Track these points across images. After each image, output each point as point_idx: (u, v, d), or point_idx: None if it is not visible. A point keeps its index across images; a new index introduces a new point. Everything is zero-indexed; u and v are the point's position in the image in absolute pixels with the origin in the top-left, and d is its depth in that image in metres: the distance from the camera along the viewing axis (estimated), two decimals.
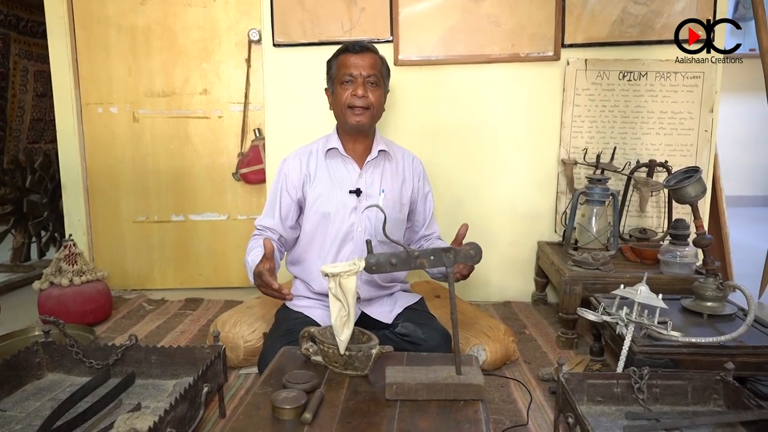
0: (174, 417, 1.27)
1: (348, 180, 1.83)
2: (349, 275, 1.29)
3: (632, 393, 1.44)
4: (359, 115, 1.76)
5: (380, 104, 1.81)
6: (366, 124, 1.79)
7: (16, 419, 1.45)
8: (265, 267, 1.54)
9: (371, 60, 1.77)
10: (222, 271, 3.13)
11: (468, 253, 1.32)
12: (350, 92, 1.75)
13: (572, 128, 2.68)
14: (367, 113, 1.76)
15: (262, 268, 1.54)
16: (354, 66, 1.75)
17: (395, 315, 1.86)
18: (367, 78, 1.75)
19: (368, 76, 1.75)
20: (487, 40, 2.63)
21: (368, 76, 1.75)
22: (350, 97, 1.75)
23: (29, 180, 3.45)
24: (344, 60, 1.77)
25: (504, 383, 1.93)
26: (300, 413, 1.15)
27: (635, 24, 2.57)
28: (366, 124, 1.79)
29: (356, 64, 1.75)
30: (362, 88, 1.74)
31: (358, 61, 1.75)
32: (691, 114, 2.62)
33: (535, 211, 2.78)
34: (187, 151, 3.03)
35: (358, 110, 1.75)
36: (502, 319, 2.54)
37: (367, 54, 1.77)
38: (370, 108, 1.76)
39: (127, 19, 2.92)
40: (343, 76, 1.76)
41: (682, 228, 2.12)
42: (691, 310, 1.82)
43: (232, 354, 2.01)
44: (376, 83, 1.77)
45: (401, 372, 1.29)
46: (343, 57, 1.79)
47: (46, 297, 2.46)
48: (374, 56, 1.79)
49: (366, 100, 1.75)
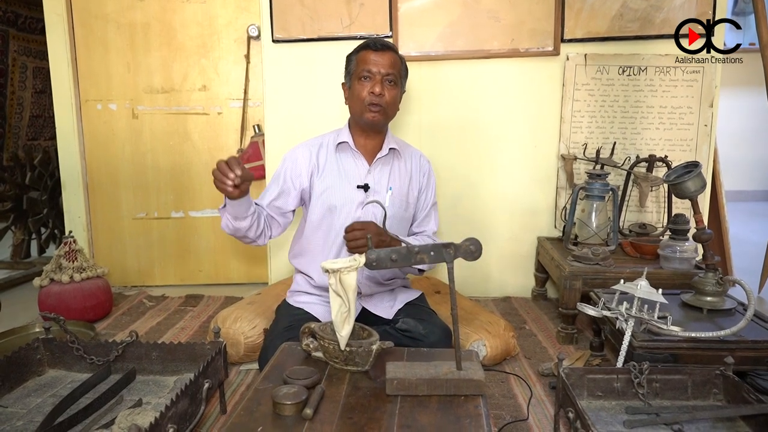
0: (175, 413, 1.27)
1: (356, 175, 1.84)
2: (349, 271, 1.29)
3: (632, 388, 1.44)
4: (375, 113, 1.76)
5: (396, 103, 1.82)
6: (380, 122, 1.80)
7: (17, 415, 1.45)
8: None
9: (391, 59, 1.77)
10: (222, 267, 3.13)
11: (468, 249, 1.32)
12: (368, 89, 1.76)
13: (572, 123, 2.68)
14: (382, 111, 1.77)
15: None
16: (374, 63, 1.75)
17: (396, 311, 1.87)
18: (386, 76, 1.76)
19: (387, 74, 1.76)
20: (486, 35, 2.63)
21: (387, 74, 1.76)
22: (368, 94, 1.75)
23: (29, 177, 3.45)
24: (364, 56, 1.78)
25: (504, 378, 1.93)
26: (301, 409, 1.15)
27: (635, 19, 2.57)
28: (380, 122, 1.80)
29: (376, 61, 1.76)
30: (380, 86, 1.75)
31: (378, 59, 1.76)
32: (691, 109, 2.62)
33: (534, 206, 2.78)
34: (186, 148, 3.03)
35: (374, 107, 1.76)
36: (502, 314, 2.54)
37: (388, 53, 1.78)
38: (385, 106, 1.77)
39: (125, 16, 2.91)
40: (362, 71, 1.76)
41: (681, 223, 2.13)
42: (690, 305, 1.82)
43: (233, 350, 2.01)
44: (394, 82, 1.78)
45: (402, 367, 1.30)
46: (363, 53, 1.79)
47: (46, 294, 2.46)
48: (394, 55, 1.79)
49: (382, 98, 1.76)
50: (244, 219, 1.64)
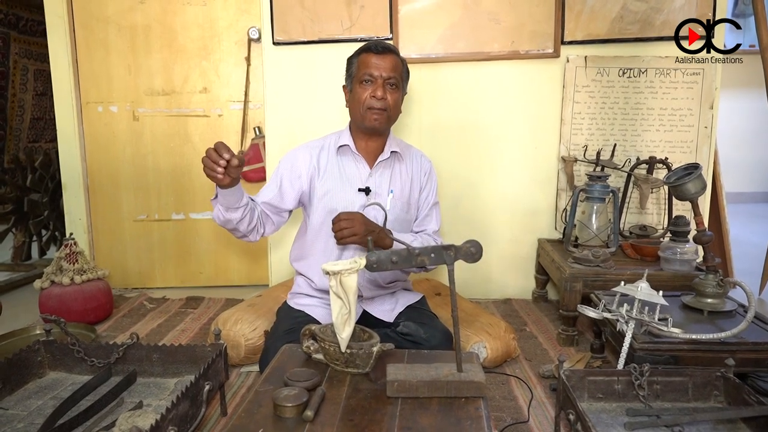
0: (175, 415, 1.27)
1: (357, 178, 1.83)
2: (350, 273, 1.29)
3: (633, 389, 1.44)
4: (377, 117, 1.76)
5: (397, 106, 1.81)
6: (382, 126, 1.79)
7: (18, 417, 1.45)
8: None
9: (392, 62, 1.76)
10: (223, 269, 3.13)
11: (468, 251, 1.32)
12: (369, 93, 1.75)
13: (572, 125, 2.68)
14: (384, 115, 1.76)
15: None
16: (375, 66, 1.74)
17: (397, 314, 1.86)
18: (387, 80, 1.75)
19: (388, 77, 1.75)
20: (487, 37, 2.63)
21: (388, 77, 1.75)
22: (369, 98, 1.75)
23: (30, 179, 3.45)
24: (365, 59, 1.76)
25: (505, 380, 1.93)
26: (301, 411, 1.15)
27: (635, 21, 2.57)
28: (382, 126, 1.79)
29: (377, 65, 1.74)
30: (381, 90, 1.74)
31: (379, 62, 1.75)
32: (691, 110, 2.62)
33: (535, 208, 2.78)
34: (187, 150, 3.03)
35: (376, 111, 1.75)
36: (502, 316, 2.54)
37: (389, 55, 1.76)
38: (387, 110, 1.76)
39: (126, 18, 2.92)
40: (363, 75, 1.75)
41: (682, 225, 2.12)
42: (691, 307, 1.82)
43: (234, 352, 2.01)
44: (396, 85, 1.77)
45: (402, 369, 1.30)
46: (364, 56, 1.78)
47: (47, 296, 2.46)
48: (395, 58, 1.78)
49: (384, 102, 1.75)
50: (236, 210, 1.63)
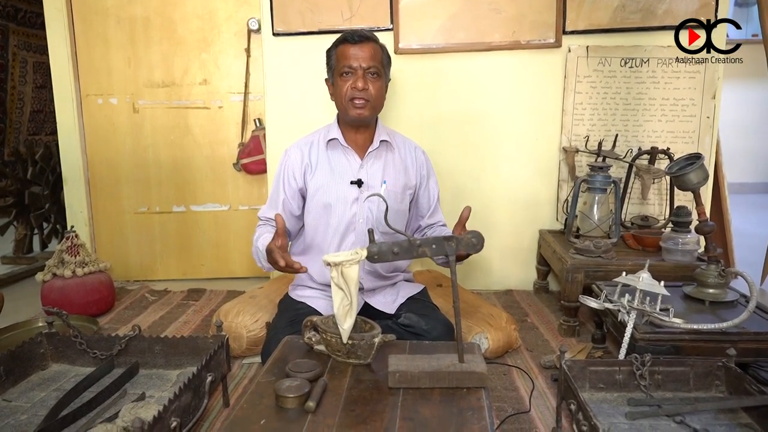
0: (178, 406, 1.28)
1: (349, 171, 1.82)
2: (351, 264, 1.29)
3: (634, 380, 1.44)
4: (360, 108, 1.74)
5: (381, 95, 1.79)
6: (367, 117, 1.77)
7: (21, 409, 1.46)
8: (276, 244, 1.52)
9: (371, 50, 1.73)
10: (224, 261, 3.14)
11: (470, 242, 1.32)
12: (350, 85, 1.72)
13: (574, 116, 2.67)
14: (367, 105, 1.74)
15: (273, 245, 1.52)
16: (354, 57, 1.72)
17: (398, 305, 1.86)
18: (368, 70, 1.72)
19: (368, 67, 1.72)
20: (487, 27, 2.61)
21: (368, 67, 1.72)
22: (350, 90, 1.73)
23: (30, 172, 3.45)
24: (343, 51, 1.74)
25: (506, 371, 1.94)
26: (303, 402, 1.15)
27: (637, 10, 2.55)
28: (367, 117, 1.77)
29: (356, 55, 1.72)
30: (362, 81, 1.72)
31: (357, 52, 1.72)
32: (693, 100, 2.61)
33: (536, 199, 2.77)
34: (187, 142, 3.03)
35: (359, 103, 1.73)
36: (504, 307, 2.54)
37: (367, 44, 1.73)
38: (370, 100, 1.74)
39: (125, 10, 2.90)
40: (343, 67, 1.73)
41: (683, 215, 2.12)
42: (693, 297, 1.82)
43: (235, 344, 2.02)
44: (377, 74, 1.75)
45: (404, 360, 1.30)
46: (342, 48, 1.75)
47: (49, 288, 2.47)
48: (374, 46, 1.75)
49: (366, 93, 1.72)
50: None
